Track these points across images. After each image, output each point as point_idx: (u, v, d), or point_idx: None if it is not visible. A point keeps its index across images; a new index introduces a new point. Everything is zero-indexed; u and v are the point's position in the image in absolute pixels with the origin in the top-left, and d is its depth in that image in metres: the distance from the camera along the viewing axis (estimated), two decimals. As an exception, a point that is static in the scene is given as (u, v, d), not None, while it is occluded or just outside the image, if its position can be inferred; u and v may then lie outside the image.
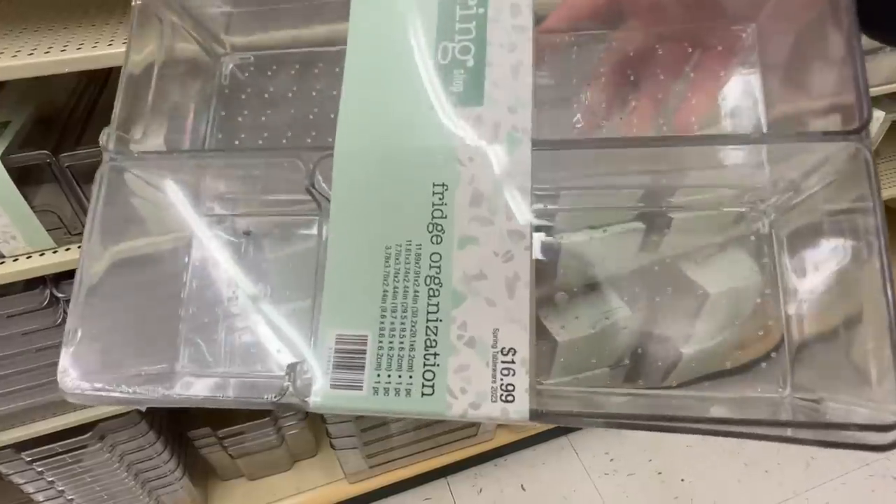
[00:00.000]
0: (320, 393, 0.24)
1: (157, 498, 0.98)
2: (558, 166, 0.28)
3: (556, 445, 1.27)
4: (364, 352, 0.24)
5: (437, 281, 0.24)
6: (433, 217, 0.25)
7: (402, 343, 0.24)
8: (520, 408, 0.22)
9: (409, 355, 0.24)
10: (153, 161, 0.30)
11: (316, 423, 1.13)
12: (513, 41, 0.26)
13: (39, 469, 0.82)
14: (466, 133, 0.25)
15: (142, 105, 0.32)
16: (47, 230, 0.59)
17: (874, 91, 0.87)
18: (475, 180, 0.25)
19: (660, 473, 1.21)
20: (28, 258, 0.60)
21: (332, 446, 1.00)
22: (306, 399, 0.24)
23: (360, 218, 0.25)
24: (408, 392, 0.23)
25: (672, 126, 0.30)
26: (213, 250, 0.35)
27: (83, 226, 0.59)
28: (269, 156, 0.31)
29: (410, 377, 0.23)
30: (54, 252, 0.60)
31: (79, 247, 0.61)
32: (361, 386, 0.24)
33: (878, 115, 0.93)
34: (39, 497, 0.87)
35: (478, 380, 0.23)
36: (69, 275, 0.64)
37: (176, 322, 0.34)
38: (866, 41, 0.24)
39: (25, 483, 0.84)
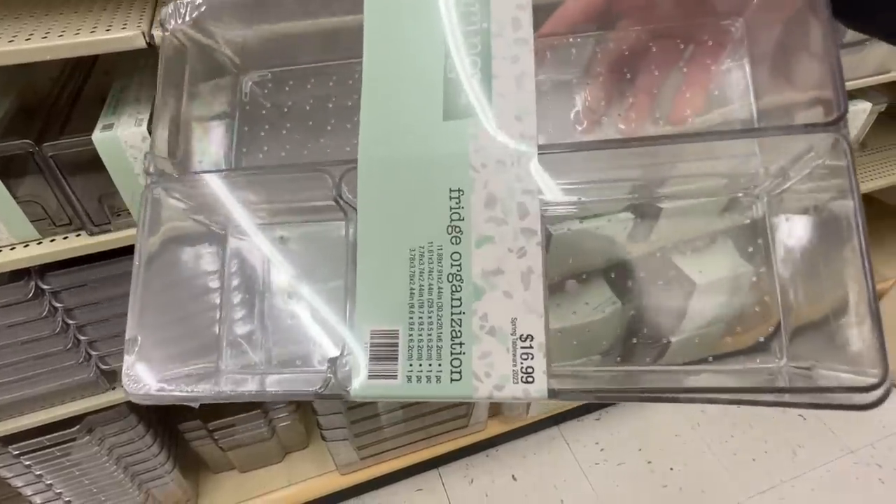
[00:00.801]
0: (360, 383, 0.27)
1: (148, 491, 0.97)
2: (560, 164, 0.29)
3: (546, 436, 1.28)
4: (396, 344, 0.27)
5: (458, 278, 0.27)
6: (451, 220, 0.27)
7: (430, 335, 0.26)
8: (539, 387, 0.25)
9: (437, 345, 0.26)
10: (191, 181, 0.33)
11: (307, 414, 1.13)
12: (515, 53, 0.28)
13: (27, 463, 0.81)
14: (478, 141, 0.27)
15: (175, 127, 0.34)
16: (31, 221, 0.58)
17: (860, 83, 0.88)
18: (488, 185, 0.27)
19: (649, 462, 1.22)
20: (12, 249, 0.59)
21: (324, 438, 1.00)
22: (347, 389, 0.26)
23: (385, 224, 0.28)
24: (438, 379, 0.26)
25: (668, 119, 0.30)
26: (249, 255, 0.38)
27: (68, 216, 0.59)
28: (297, 171, 0.33)
29: (440, 365, 0.26)
30: (39, 243, 0.59)
31: (64, 237, 0.60)
32: (396, 375, 0.26)
33: (865, 107, 0.93)
34: (28, 491, 0.86)
35: (500, 365, 0.25)
36: (54, 266, 0.63)
37: (217, 324, 0.37)
38: (853, 33, 0.24)
39: (13, 477, 0.83)
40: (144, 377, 0.29)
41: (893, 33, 0.25)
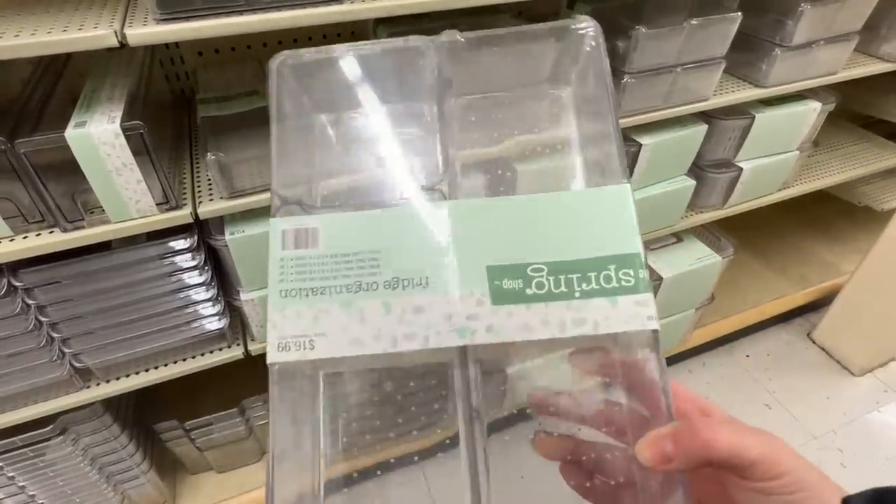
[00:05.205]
0: None
1: (124, 492, 0.97)
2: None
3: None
4: None
5: None
6: None
7: None
8: None
9: None
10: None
11: (285, 413, 1.13)
12: None
13: (-1, 465, 0.81)
14: None
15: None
16: (4, 218, 0.59)
17: (810, 83, 0.93)
18: None
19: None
20: (-16, 247, 0.59)
21: (301, 435, 1.01)
22: None
23: None
24: None
25: None
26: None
27: (41, 213, 0.60)
28: None
29: None
30: (11, 240, 0.60)
31: (37, 234, 0.61)
32: None
33: (815, 107, 0.98)
34: (0, 494, 0.85)
35: None
36: (26, 263, 0.63)
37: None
38: (804, 34, 0.24)
39: (-15, 480, 0.83)
40: None
41: None
